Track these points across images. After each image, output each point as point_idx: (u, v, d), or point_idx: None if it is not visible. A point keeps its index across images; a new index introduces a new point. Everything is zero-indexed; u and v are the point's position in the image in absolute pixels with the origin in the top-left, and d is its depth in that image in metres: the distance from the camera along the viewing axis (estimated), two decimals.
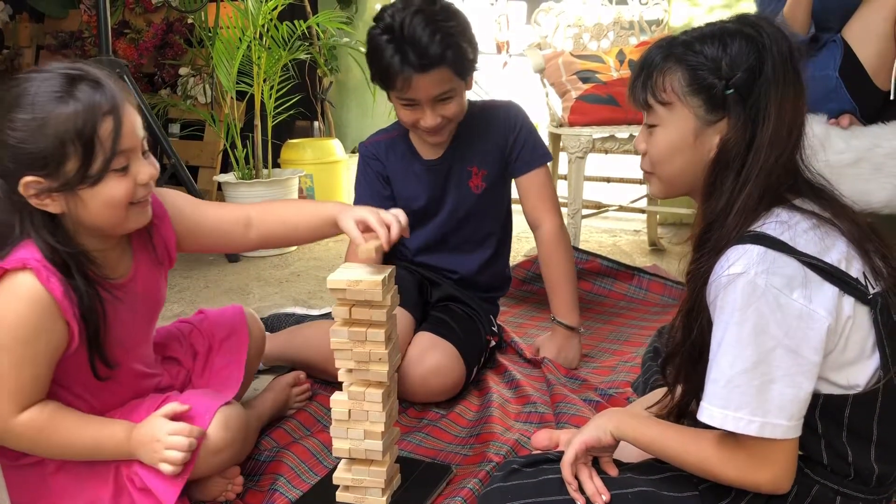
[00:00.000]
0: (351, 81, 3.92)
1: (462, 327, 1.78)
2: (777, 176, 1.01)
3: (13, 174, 1.11)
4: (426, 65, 1.58)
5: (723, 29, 1.05)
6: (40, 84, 1.10)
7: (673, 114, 1.06)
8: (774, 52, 1.01)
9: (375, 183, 1.83)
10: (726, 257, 0.97)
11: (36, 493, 1.26)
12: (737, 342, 0.94)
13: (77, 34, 4.21)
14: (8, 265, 1.12)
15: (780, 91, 1.00)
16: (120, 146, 1.12)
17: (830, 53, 2.37)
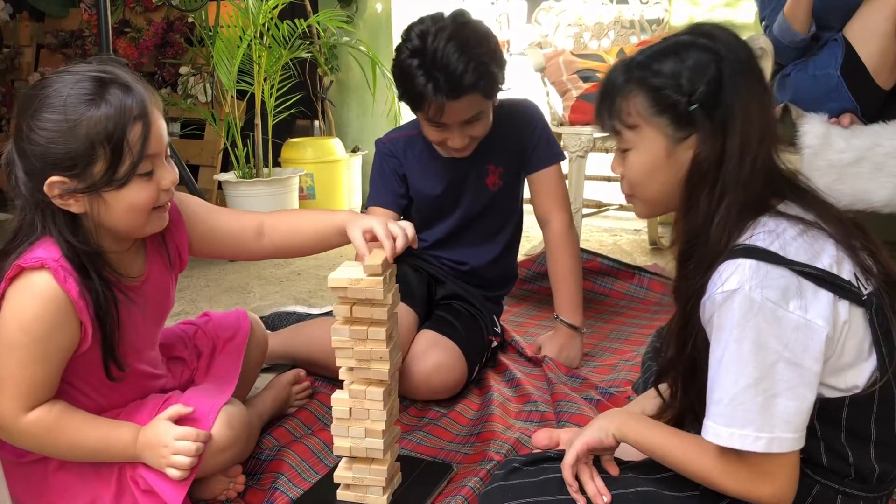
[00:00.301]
0: (351, 80, 3.92)
1: (465, 326, 1.78)
2: (756, 183, 1.00)
3: (39, 173, 1.11)
4: (459, 94, 1.58)
5: (678, 43, 1.04)
6: (72, 86, 1.10)
7: (642, 136, 1.06)
8: (732, 60, 1.00)
9: (391, 181, 1.84)
10: (718, 274, 0.96)
11: (38, 490, 1.26)
12: (738, 359, 0.93)
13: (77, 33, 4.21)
14: (26, 263, 1.12)
15: (744, 97, 1.00)
16: (147, 150, 1.13)
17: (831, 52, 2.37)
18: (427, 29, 1.60)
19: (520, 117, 1.83)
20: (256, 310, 2.39)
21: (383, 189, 1.84)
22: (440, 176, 1.81)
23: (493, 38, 1.65)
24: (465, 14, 1.64)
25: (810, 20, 2.38)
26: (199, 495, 1.33)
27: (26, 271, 1.13)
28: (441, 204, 1.84)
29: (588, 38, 3.08)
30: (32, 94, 1.12)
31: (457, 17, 1.62)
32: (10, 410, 1.15)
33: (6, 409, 1.15)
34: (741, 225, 0.99)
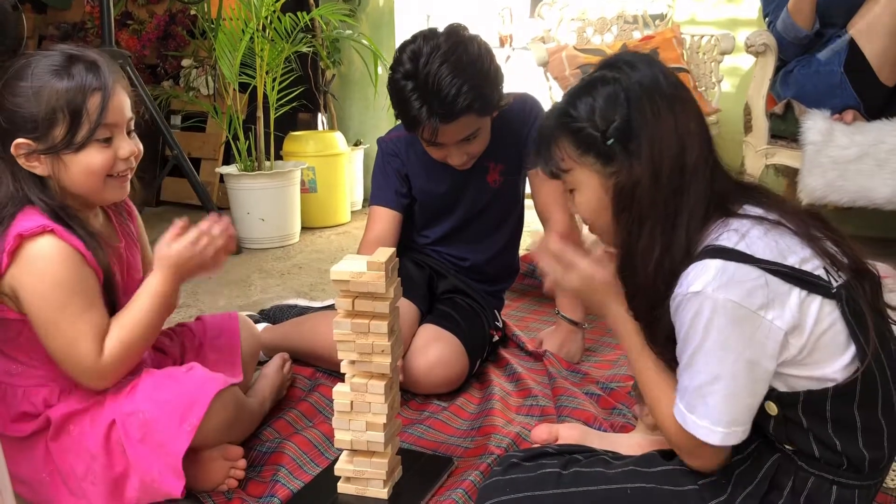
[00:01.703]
0: (353, 74, 3.92)
1: (466, 321, 1.79)
2: (690, 198, 1.02)
3: (8, 135, 1.21)
4: (452, 118, 1.57)
5: (589, 81, 1.08)
6: (42, 59, 1.22)
7: (578, 178, 1.10)
8: (635, 87, 1.03)
9: (393, 180, 1.83)
10: (685, 275, 0.99)
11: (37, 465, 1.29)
12: (702, 356, 0.98)
13: (80, 25, 4.21)
14: (25, 233, 1.19)
15: (651, 122, 1.02)
16: (104, 119, 1.22)
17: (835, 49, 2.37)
18: (419, 49, 1.58)
19: (519, 113, 1.82)
20: (258, 303, 2.40)
21: (386, 188, 1.84)
22: (442, 175, 1.81)
23: (487, 56, 1.63)
24: (459, 31, 1.61)
25: (814, 17, 2.37)
26: (201, 485, 1.33)
27: (27, 239, 1.19)
28: (443, 202, 1.84)
29: (591, 33, 3.08)
30: (11, 66, 1.23)
31: (450, 36, 1.59)
32: (91, 357, 1.23)
33: (89, 358, 1.23)
34: (686, 236, 1.01)
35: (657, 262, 1.02)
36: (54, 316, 1.20)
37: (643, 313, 1.08)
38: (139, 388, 1.28)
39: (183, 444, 1.24)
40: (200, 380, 1.29)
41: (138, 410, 1.25)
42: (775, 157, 2.48)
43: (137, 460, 1.25)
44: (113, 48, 2.79)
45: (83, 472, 1.27)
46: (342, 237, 3.31)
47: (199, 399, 1.26)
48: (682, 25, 3.17)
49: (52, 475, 1.29)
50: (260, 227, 3.12)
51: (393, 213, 1.82)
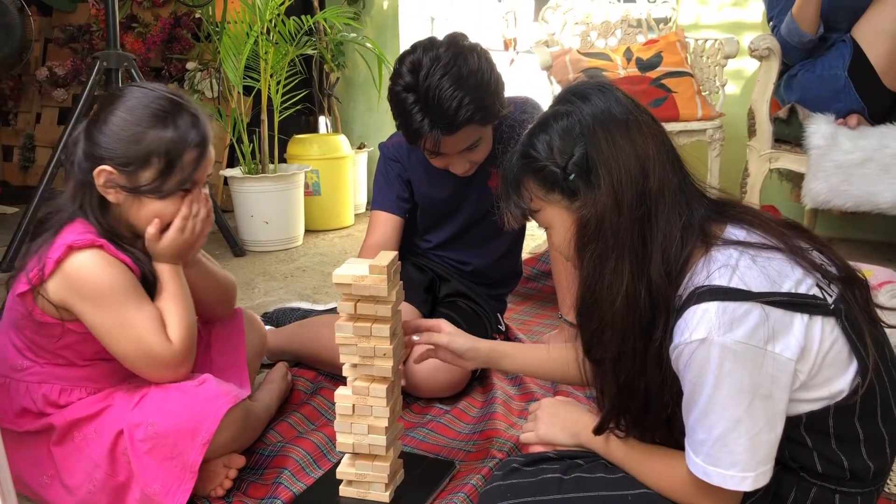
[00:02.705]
0: (357, 77, 3.92)
1: (469, 324, 1.78)
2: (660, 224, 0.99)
3: (97, 159, 1.25)
4: (454, 129, 1.57)
5: (543, 118, 1.07)
6: (151, 100, 1.26)
7: (548, 215, 1.08)
8: (588, 117, 1.02)
9: (395, 185, 1.83)
10: (685, 321, 0.96)
11: (39, 463, 1.30)
12: (717, 404, 0.94)
13: (85, 28, 4.22)
14: (75, 244, 1.22)
15: (606, 153, 1.00)
16: (194, 176, 1.28)
17: (839, 53, 2.36)
18: (419, 61, 1.57)
19: (521, 117, 1.81)
20: (261, 305, 2.40)
21: (388, 193, 1.84)
22: (444, 181, 1.81)
23: (487, 66, 1.62)
24: (458, 41, 1.61)
25: (818, 21, 2.37)
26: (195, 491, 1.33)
27: (75, 251, 1.22)
28: (445, 207, 1.84)
29: (595, 37, 3.08)
30: (117, 94, 1.28)
31: (450, 47, 1.59)
32: (164, 345, 1.27)
33: (162, 347, 1.27)
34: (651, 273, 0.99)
35: (628, 292, 0.98)
36: (117, 318, 1.24)
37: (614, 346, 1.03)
38: (148, 400, 1.28)
39: (197, 459, 1.24)
40: (212, 395, 1.29)
41: (147, 422, 1.25)
42: (779, 162, 2.48)
43: (142, 472, 1.25)
44: (118, 51, 2.80)
45: (84, 478, 1.27)
46: (346, 240, 3.31)
47: (211, 415, 1.26)
48: (686, 29, 3.17)
49: (52, 479, 1.30)
50: (264, 230, 3.13)
51: (394, 218, 1.82)
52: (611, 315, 1.01)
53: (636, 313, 0.99)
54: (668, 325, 0.99)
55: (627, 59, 2.81)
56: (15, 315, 1.28)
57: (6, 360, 1.30)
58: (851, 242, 2.95)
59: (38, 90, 4.31)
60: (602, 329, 1.03)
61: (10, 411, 1.30)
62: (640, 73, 2.75)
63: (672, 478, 1.05)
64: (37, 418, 1.30)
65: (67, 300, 1.23)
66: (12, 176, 4.32)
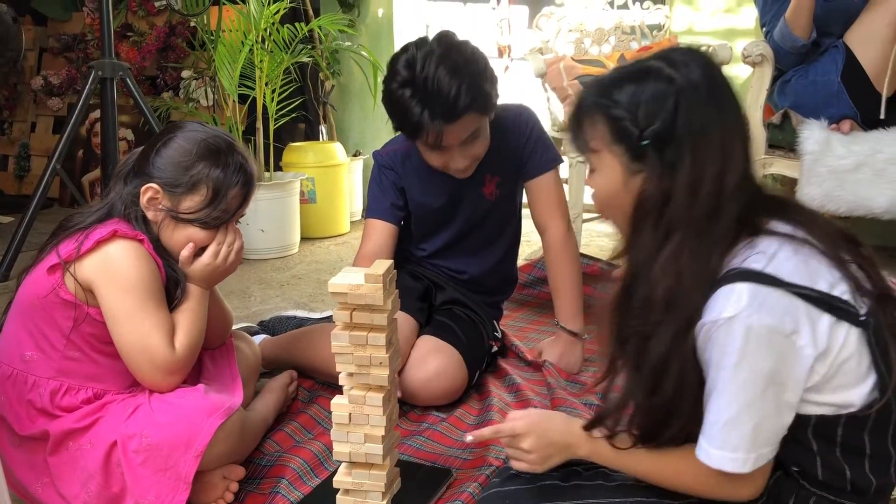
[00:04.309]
0: (352, 85, 3.92)
1: (465, 332, 1.79)
2: (717, 222, 0.98)
3: (149, 176, 1.34)
4: (455, 117, 1.58)
5: (639, 70, 1.03)
6: (210, 135, 1.36)
7: (603, 161, 1.06)
8: (691, 91, 0.98)
9: (390, 193, 1.83)
10: (715, 300, 0.95)
11: (38, 471, 1.30)
12: (733, 385, 0.94)
13: (80, 37, 4.22)
14: (121, 231, 1.29)
15: (699, 132, 0.97)
16: (237, 212, 1.38)
17: (832, 58, 2.37)
18: (413, 57, 1.59)
19: (514, 125, 1.82)
20: (257, 313, 2.40)
21: (382, 201, 1.84)
22: (438, 188, 1.81)
23: (482, 57, 1.65)
24: (449, 35, 1.64)
25: (811, 26, 2.38)
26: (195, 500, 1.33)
27: (119, 237, 1.29)
28: (440, 215, 1.84)
29: (589, 44, 3.09)
30: (179, 124, 1.39)
31: (442, 40, 1.61)
32: (166, 349, 1.30)
33: (164, 351, 1.30)
34: (708, 261, 0.97)
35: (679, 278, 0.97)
36: (134, 310, 1.27)
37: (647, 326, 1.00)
38: (141, 411, 1.28)
39: (190, 471, 1.24)
40: (206, 406, 1.29)
41: (141, 433, 1.25)
42: (773, 167, 2.49)
43: (135, 483, 1.25)
44: (113, 60, 2.80)
45: (79, 489, 1.27)
46: (342, 248, 3.31)
47: (205, 426, 1.26)
48: (680, 35, 3.19)
49: (46, 487, 1.30)
50: (259, 238, 3.13)
51: (389, 226, 1.82)
52: (653, 295, 0.98)
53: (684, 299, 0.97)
54: None
55: None
56: (33, 295, 1.30)
57: (16, 350, 1.31)
58: None
59: (32, 99, 4.31)
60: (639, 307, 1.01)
61: (16, 403, 1.30)
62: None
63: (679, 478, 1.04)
64: (38, 416, 1.30)
65: (96, 281, 1.27)
66: (7, 185, 4.31)
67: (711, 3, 3.27)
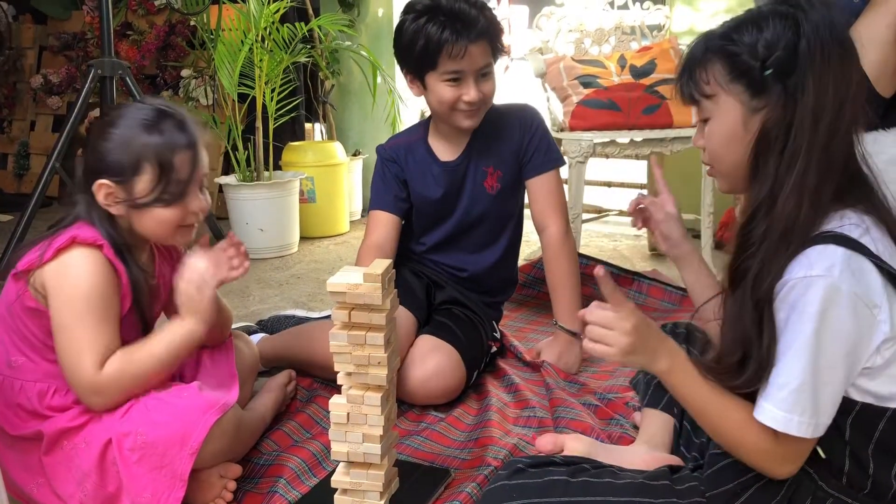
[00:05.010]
0: (352, 84, 3.92)
1: (464, 331, 1.79)
2: (836, 152, 0.97)
3: (93, 174, 1.29)
4: (474, 34, 1.66)
5: (759, 13, 1.03)
6: (137, 111, 1.31)
7: (719, 105, 1.05)
8: (812, 28, 0.97)
9: (393, 185, 1.86)
10: (806, 256, 0.94)
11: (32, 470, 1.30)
12: (810, 347, 0.92)
13: (80, 35, 4.22)
14: (79, 238, 1.25)
15: (820, 67, 0.96)
16: (194, 178, 1.31)
17: None
18: None
19: (519, 121, 1.85)
20: (256, 313, 2.40)
21: (385, 193, 1.86)
22: (439, 179, 1.83)
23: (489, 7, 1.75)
24: None
25: None
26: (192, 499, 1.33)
27: (77, 244, 1.25)
28: (440, 207, 1.85)
29: (589, 44, 3.08)
30: (109, 112, 1.36)
31: None
32: (91, 369, 1.25)
33: (88, 370, 1.25)
34: (820, 204, 0.96)
35: (805, 206, 0.95)
36: (72, 322, 1.24)
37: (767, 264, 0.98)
38: (136, 409, 1.28)
39: (185, 468, 1.24)
40: (200, 404, 1.29)
41: (136, 431, 1.25)
42: None
43: (131, 482, 1.25)
44: (112, 59, 2.80)
45: (75, 488, 1.27)
46: (341, 247, 3.31)
47: (199, 424, 1.26)
48: (680, 36, 3.18)
49: (42, 487, 1.29)
50: (259, 237, 3.13)
51: (392, 218, 1.84)
52: (776, 225, 0.97)
53: (795, 231, 0.96)
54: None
55: (621, 66, 2.82)
56: (7, 302, 1.29)
57: (3, 356, 1.31)
58: None
59: (32, 98, 4.31)
60: (760, 236, 0.99)
61: (6, 408, 1.30)
62: (634, 79, 2.76)
63: (739, 426, 1.00)
64: (30, 419, 1.30)
65: (49, 289, 1.25)
66: (6, 183, 4.31)
67: (712, 4, 3.27)
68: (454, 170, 1.83)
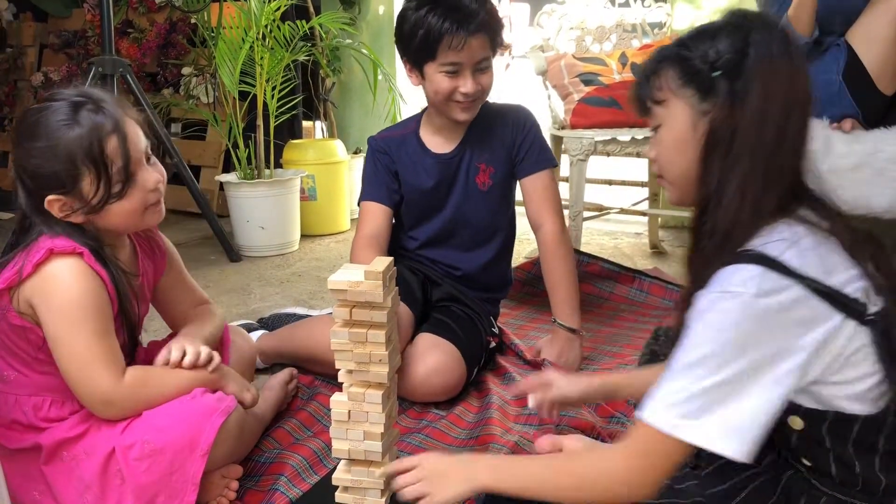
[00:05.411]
0: (353, 82, 3.92)
1: (462, 328, 1.79)
2: (779, 158, 0.98)
3: (36, 193, 1.23)
4: (474, 27, 1.66)
5: (712, 25, 1.05)
6: (51, 114, 1.22)
7: (670, 110, 1.06)
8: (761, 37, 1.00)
9: (384, 176, 1.87)
10: (726, 273, 0.95)
11: (32, 479, 1.28)
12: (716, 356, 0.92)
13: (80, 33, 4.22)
14: (56, 248, 1.20)
15: (768, 70, 0.98)
16: (128, 160, 1.23)
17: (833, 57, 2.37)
18: None
19: (513, 120, 1.86)
20: (257, 311, 2.40)
21: (376, 184, 1.87)
22: (431, 172, 1.84)
23: None
24: None
25: (813, 24, 2.37)
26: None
27: (56, 255, 1.21)
28: (431, 199, 1.86)
29: (590, 42, 3.08)
30: (22, 125, 1.25)
31: None
32: (110, 380, 1.23)
33: (106, 381, 1.22)
34: (761, 206, 0.97)
35: (746, 209, 0.97)
36: (71, 335, 1.20)
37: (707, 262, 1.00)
38: (138, 419, 1.26)
39: (198, 471, 1.23)
40: (205, 406, 1.28)
41: (142, 440, 1.23)
42: None
43: (140, 492, 1.23)
44: (113, 57, 2.80)
45: (76, 498, 1.25)
46: (342, 245, 3.31)
47: (207, 425, 1.25)
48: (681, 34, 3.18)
49: (44, 494, 1.28)
50: (259, 235, 3.13)
51: (384, 209, 1.85)
52: (719, 225, 0.99)
53: (735, 234, 0.98)
54: None
55: (622, 64, 2.81)
56: None
57: None
58: None
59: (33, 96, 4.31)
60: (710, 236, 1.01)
61: (1, 425, 1.28)
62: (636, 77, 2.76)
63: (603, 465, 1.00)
64: (27, 432, 1.28)
65: (36, 305, 1.21)
66: (7, 182, 4.31)
67: (713, 1, 3.26)
68: (447, 162, 1.84)
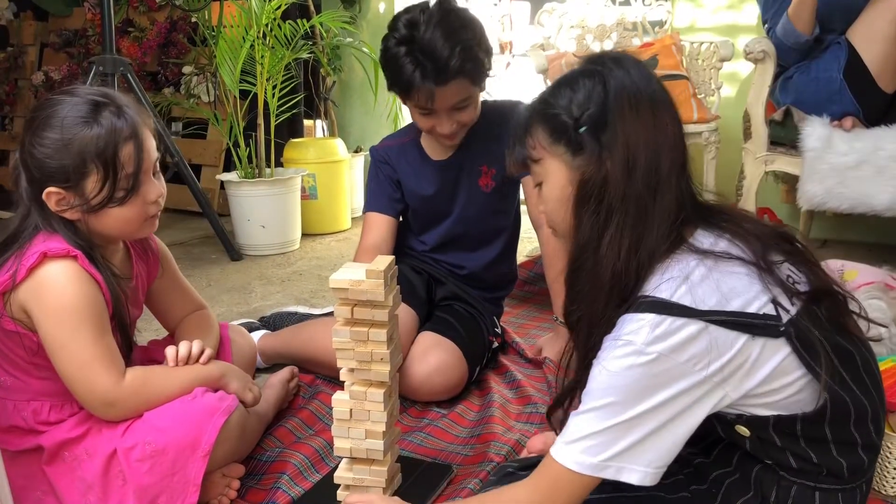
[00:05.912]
0: (354, 81, 3.93)
1: (465, 327, 1.79)
2: (656, 209, 0.98)
3: (38, 183, 1.22)
4: (446, 79, 1.59)
5: (570, 75, 1.06)
6: (70, 108, 1.22)
7: (546, 167, 1.07)
8: (617, 82, 1.00)
9: (386, 186, 1.86)
10: (621, 323, 0.96)
11: (33, 480, 1.28)
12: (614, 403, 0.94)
13: (81, 32, 4.22)
14: (50, 251, 1.20)
15: (629, 116, 0.99)
16: (141, 169, 1.24)
17: (834, 55, 2.37)
18: (414, 18, 1.62)
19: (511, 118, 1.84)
20: (258, 310, 2.40)
21: (379, 195, 1.86)
22: (433, 179, 1.83)
23: (479, 25, 1.68)
24: (450, 2, 1.67)
25: (814, 21, 2.38)
26: None
27: (49, 259, 1.20)
28: (436, 206, 1.85)
29: (591, 40, 3.08)
30: (37, 114, 1.23)
31: (442, 4, 1.64)
32: (110, 381, 1.22)
33: (107, 383, 1.22)
34: (638, 252, 0.98)
35: (618, 263, 0.98)
36: (68, 338, 1.20)
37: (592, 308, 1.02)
38: (138, 420, 1.26)
39: (199, 472, 1.23)
40: (206, 406, 1.28)
41: (143, 441, 1.23)
42: (775, 164, 2.49)
43: (142, 492, 1.22)
44: (114, 55, 2.80)
45: (79, 498, 1.25)
46: (343, 244, 3.31)
47: (208, 426, 1.25)
48: (682, 32, 3.18)
49: (47, 494, 1.28)
50: (260, 234, 3.13)
51: (388, 219, 1.84)
52: (598, 280, 1.00)
53: (621, 284, 0.98)
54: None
55: None
56: None
57: None
58: (846, 244, 2.95)
59: (34, 95, 4.31)
60: (586, 292, 1.03)
61: (2, 431, 1.28)
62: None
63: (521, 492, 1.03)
64: (27, 435, 1.28)
65: (31, 310, 1.20)
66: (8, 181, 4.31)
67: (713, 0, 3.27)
68: (448, 169, 1.83)
